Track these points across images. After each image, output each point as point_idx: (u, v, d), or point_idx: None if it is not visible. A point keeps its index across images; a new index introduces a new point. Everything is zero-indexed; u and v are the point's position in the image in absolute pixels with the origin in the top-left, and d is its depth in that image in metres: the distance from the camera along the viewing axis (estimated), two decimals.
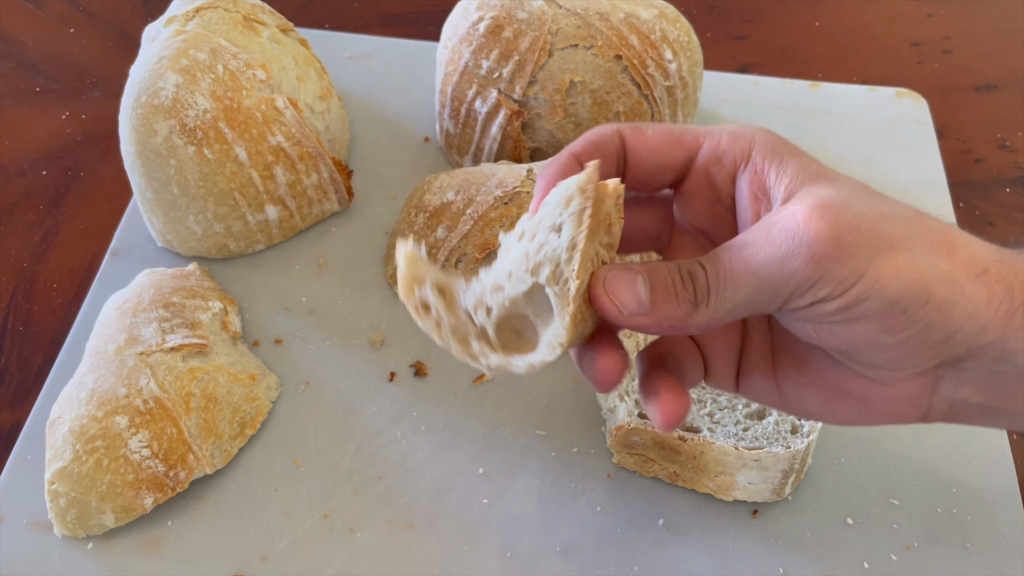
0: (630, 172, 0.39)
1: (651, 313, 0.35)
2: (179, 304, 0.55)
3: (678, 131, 0.39)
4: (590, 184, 0.34)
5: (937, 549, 0.50)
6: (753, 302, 0.34)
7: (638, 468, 0.52)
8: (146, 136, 0.57)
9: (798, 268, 0.33)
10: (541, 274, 0.35)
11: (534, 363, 0.35)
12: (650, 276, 0.35)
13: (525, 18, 0.63)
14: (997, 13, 0.85)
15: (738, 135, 0.38)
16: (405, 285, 0.36)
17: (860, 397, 0.37)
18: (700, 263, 0.35)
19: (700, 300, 0.35)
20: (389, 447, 0.54)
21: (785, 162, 0.36)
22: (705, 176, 0.38)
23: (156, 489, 0.50)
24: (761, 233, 0.34)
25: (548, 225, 0.35)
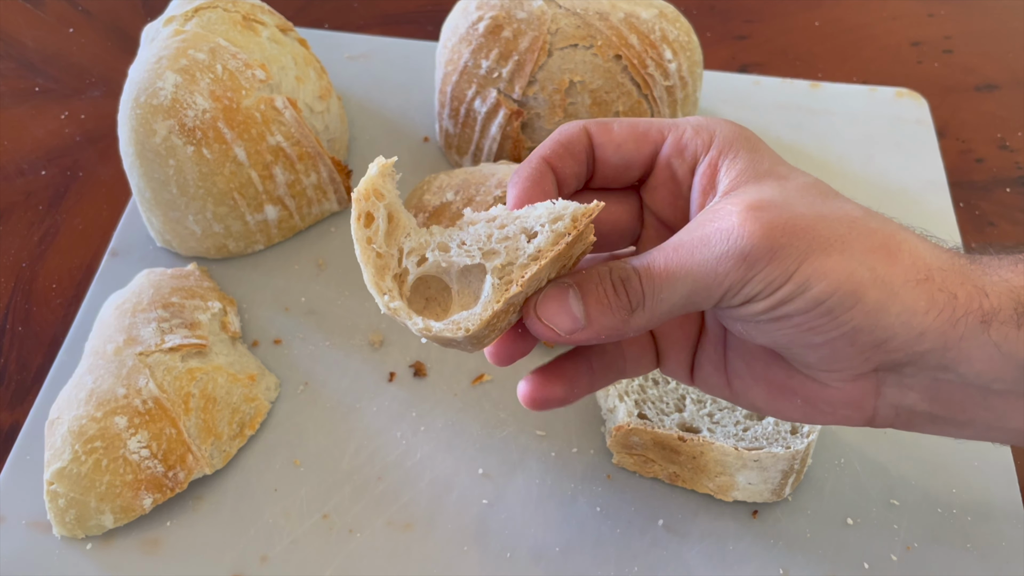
0: (598, 169, 0.39)
1: (588, 328, 0.35)
2: (178, 304, 0.55)
3: (643, 125, 0.39)
4: (586, 219, 0.34)
5: (937, 549, 0.50)
6: (689, 302, 0.35)
7: (638, 468, 0.52)
8: (145, 136, 0.57)
9: (730, 269, 0.33)
10: (492, 260, 0.35)
11: (431, 328, 0.35)
12: (581, 288, 0.35)
13: (524, 18, 0.62)
14: (997, 13, 0.84)
15: (701, 128, 0.38)
16: (364, 189, 0.35)
17: (804, 396, 0.37)
18: (633, 268, 0.35)
19: (635, 305, 0.35)
20: (388, 447, 0.54)
21: (738, 156, 0.36)
22: (668, 169, 0.39)
23: (155, 489, 0.50)
24: (696, 232, 0.34)
25: (523, 226, 0.35)
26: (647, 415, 0.51)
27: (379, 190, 0.36)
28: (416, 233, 0.37)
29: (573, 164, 0.39)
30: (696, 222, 0.35)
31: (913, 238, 0.35)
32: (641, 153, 0.39)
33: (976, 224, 0.68)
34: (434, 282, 0.37)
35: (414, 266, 0.36)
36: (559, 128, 0.39)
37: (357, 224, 0.36)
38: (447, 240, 0.36)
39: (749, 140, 0.37)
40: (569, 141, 0.39)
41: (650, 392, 0.52)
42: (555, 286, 0.35)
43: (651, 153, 0.39)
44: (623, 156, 0.39)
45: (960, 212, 0.68)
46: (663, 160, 0.39)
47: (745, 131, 0.38)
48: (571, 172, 0.39)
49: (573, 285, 0.35)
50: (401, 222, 0.37)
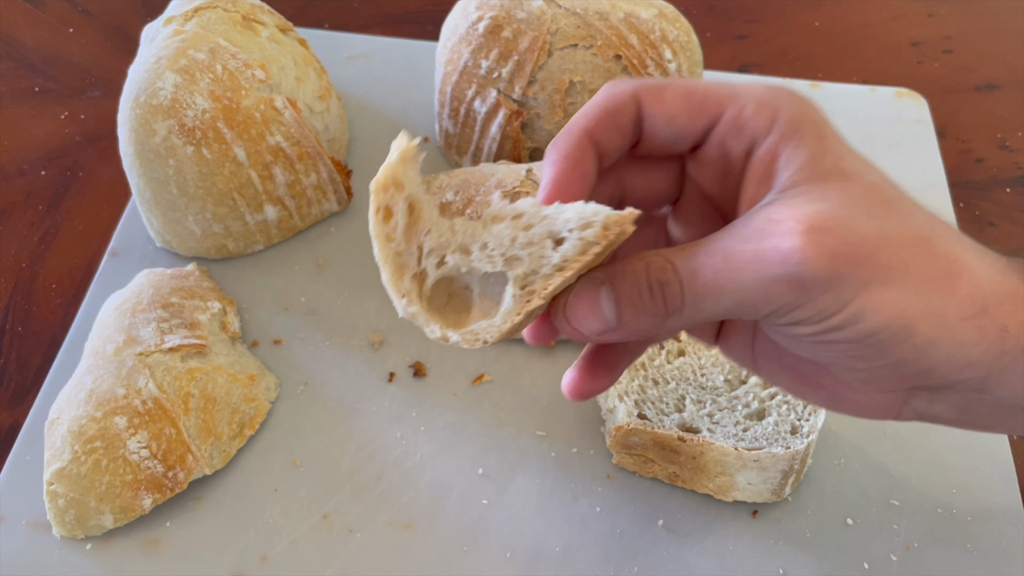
0: (643, 140, 0.36)
1: (619, 329, 0.33)
2: (178, 304, 0.55)
3: (700, 95, 0.35)
4: (618, 230, 0.31)
5: (937, 549, 0.50)
6: (731, 313, 0.33)
7: (638, 469, 0.52)
8: (145, 136, 0.56)
9: (783, 293, 0.31)
10: (514, 268, 0.33)
11: (448, 338, 0.33)
12: (614, 286, 0.33)
13: (524, 18, 0.62)
14: (997, 13, 0.84)
15: (764, 105, 0.34)
16: (383, 179, 0.32)
17: (831, 391, 0.37)
18: (674, 268, 0.32)
19: (672, 311, 0.32)
20: (388, 448, 0.54)
21: (801, 146, 0.33)
22: (721, 148, 0.35)
23: (155, 490, 0.49)
24: (750, 245, 0.32)
25: (549, 230, 0.32)
26: (647, 415, 0.51)
27: (399, 179, 0.33)
28: (438, 229, 0.34)
29: (617, 137, 0.35)
30: (752, 229, 0.32)
31: (975, 260, 0.33)
32: (694, 127, 0.35)
33: (976, 224, 0.68)
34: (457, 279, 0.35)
35: (434, 268, 0.34)
36: (603, 91, 0.35)
37: (375, 219, 0.33)
38: (469, 241, 0.33)
39: (815, 124, 0.34)
40: (616, 110, 0.35)
41: (650, 392, 0.52)
42: (586, 283, 0.33)
43: (705, 128, 0.35)
44: (674, 130, 0.35)
45: (960, 212, 0.68)
46: (717, 137, 0.35)
47: (810, 110, 0.34)
48: (614, 146, 0.35)
49: (606, 283, 0.33)
50: (423, 213, 0.34)
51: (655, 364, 0.53)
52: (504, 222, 0.33)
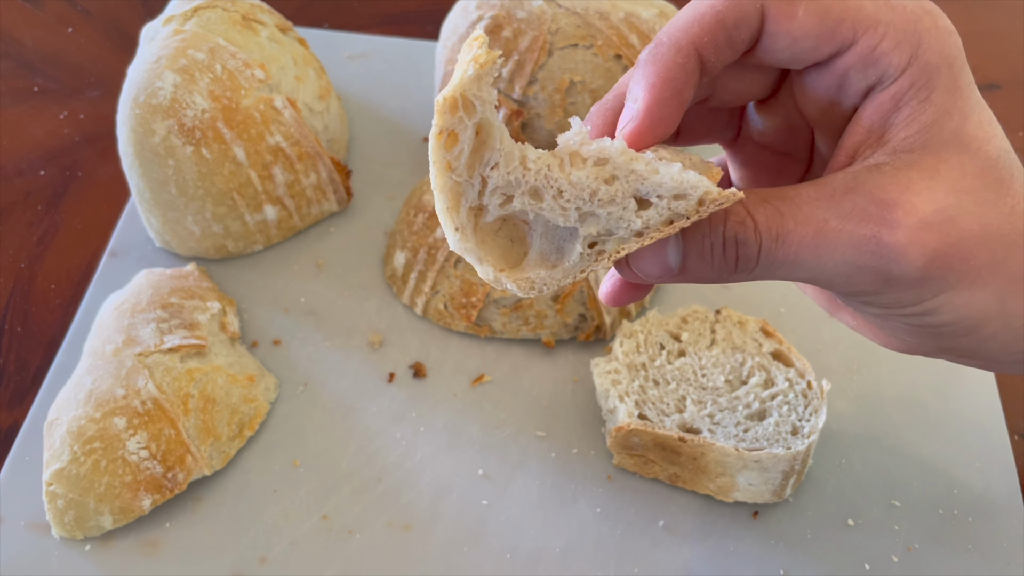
0: (756, 53, 0.31)
1: (680, 275, 0.31)
2: (177, 305, 0.55)
3: (837, 13, 0.30)
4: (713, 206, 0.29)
5: (938, 550, 0.50)
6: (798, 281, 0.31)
7: (638, 469, 0.52)
8: (144, 136, 0.56)
9: (866, 283, 0.30)
10: (588, 225, 0.30)
11: (501, 283, 0.30)
12: (685, 235, 0.30)
13: (525, 17, 0.62)
14: (999, 13, 0.84)
15: (905, 39, 0.30)
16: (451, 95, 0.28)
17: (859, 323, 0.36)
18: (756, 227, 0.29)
19: (742, 270, 0.30)
20: (388, 448, 0.53)
21: (928, 102, 0.30)
22: (840, 77, 0.31)
23: (154, 490, 0.49)
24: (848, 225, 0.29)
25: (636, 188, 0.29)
26: (647, 416, 0.51)
27: (469, 100, 0.28)
28: (507, 161, 0.30)
29: (730, 54, 0.31)
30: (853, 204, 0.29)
31: None
32: (819, 52, 0.31)
33: None
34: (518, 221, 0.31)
35: (496, 205, 0.30)
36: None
37: (436, 143, 0.29)
38: (542, 184, 0.29)
39: (951, 70, 0.30)
40: (737, 23, 0.30)
41: (650, 393, 0.52)
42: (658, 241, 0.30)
43: (831, 54, 0.31)
44: (795, 51, 0.31)
45: None
46: (841, 66, 0.31)
47: (951, 49, 0.31)
48: (722, 62, 0.31)
49: None
50: (491, 139, 0.29)
51: (656, 365, 0.53)
52: (585, 168, 0.29)
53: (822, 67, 0.32)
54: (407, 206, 0.61)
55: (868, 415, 0.55)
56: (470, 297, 0.57)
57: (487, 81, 0.28)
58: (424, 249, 0.58)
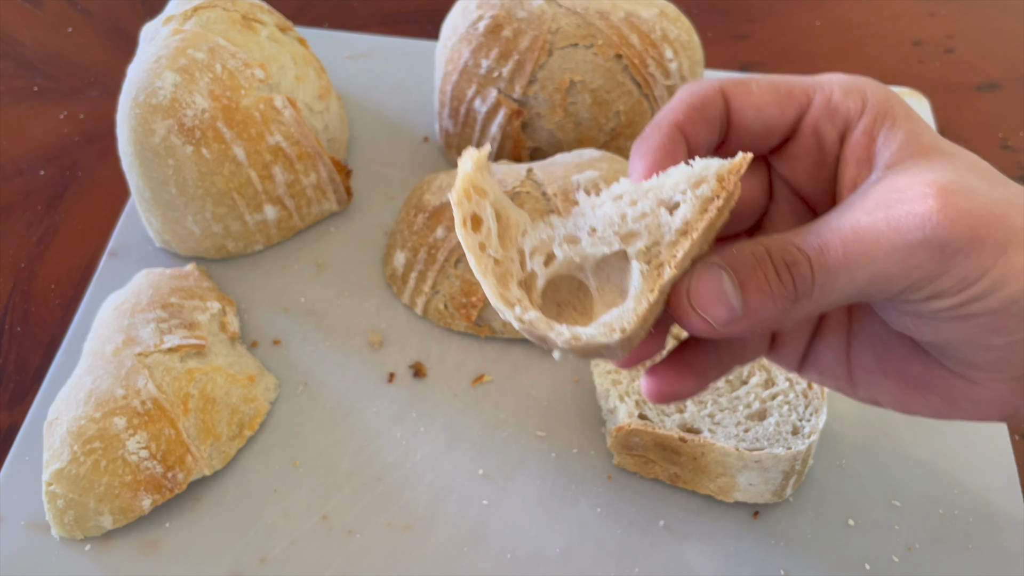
0: (732, 135, 0.35)
1: (745, 318, 0.30)
2: (177, 304, 0.55)
3: (785, 85, 0.34)
4: (734, 176, 0.30)
5: (939, 550, 0.50)
6: (862, 293, 0.30)
7: (638, 469, 0.52)
8: (144, 136, 0.56)
9: (923, 261, 0.29)
10: (633, 243, 0.30)
11: (580, 337, 0.30)
12: (737, 271, 0.30)
13: (525, 17, 0.62)
14: (999, 12, 0.84)
15: (851, 89, 0.34)
16: (463, 188, 0.31)
17: (944, 393, 0.35)
18: (799, 248, 0.30)
19: (802, 295, 0.30)
20: (388, 448, 0.53)
21: (896, 125, 0.33)
22: (813, 136, 0.34)
23: (154, 490, 0.49)
24: (879, 214, 0.30)
25: (660, 198, 0.30)
26: (648, 416, 0.51)
27: (479, 186, 0.31)
28: (534, 227, 0.32)
29: (707, 131, 0.34)
30: (874, 201, 0.30)
31: None
32: (785, 117, 0.34)
33: None
34: (565, 283, 0.32)
35: (541, 267, 0.31)
36: (686, 88, 0.34)
37: (464, 230, 0.31)
38: (574, 230, 0.31)
39: (903, 106, 0.33)
40: (703, 104, 0.33)
41: None
42: (706, 269, 0.31)
43: (795, 117, 0.34)
44: (764, 121, 0.34)
45: None
46: (808, 125, 0.34)
47: (895, 95, 0.34)
48: (703, 140, 0.34)
49: (726, 267, 0.30)
50: (512, 218, 0.32)
51: None
52: (605, 204, 0.31)
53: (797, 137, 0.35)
54: (407, 206, 0.61)
55: (868, 415, 0.55)
56: (470, 297, 0.57)
57: (486, 171, 0.31)
58: (424, 249, 0.58)
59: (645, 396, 0.35)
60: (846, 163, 0.34)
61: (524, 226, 0.32)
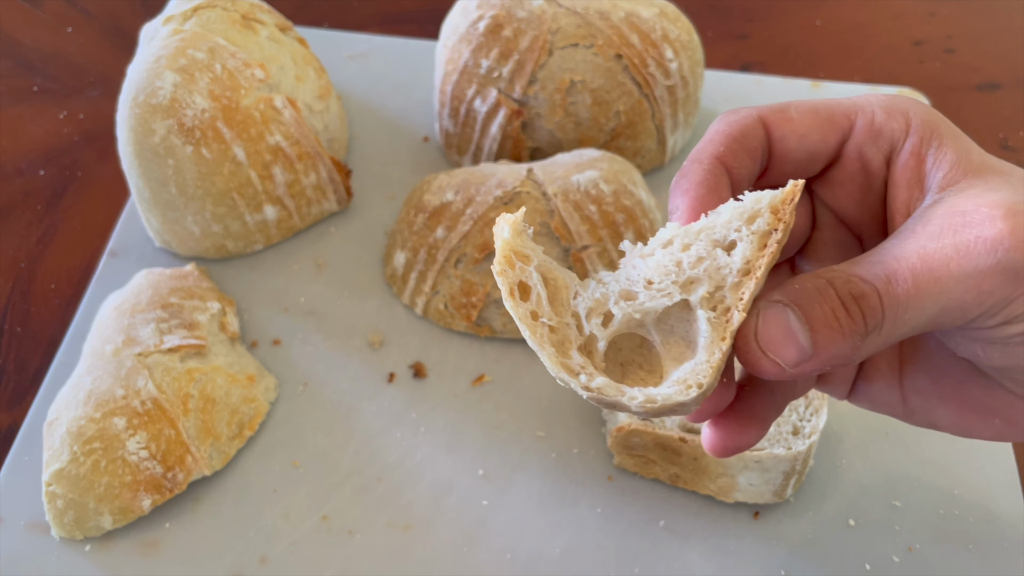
0: (774, 164, 0.34)
1: (815, 357, 0.29)
2: (177, 305, 0.55)
3: (826, 110, 0.33)
4: (788, 206, 0.28)
5: (939, 550, 0.50)
6: (934, 323, 0.29)
7: (639, 470, 0.52)
8: (144, 136, 0.56)
9: (997, 286, 0.28)
10: (694, 292, 0.29)
11: (657, 399, 0.28)
12: (803, 309, 0.29)
13: (525, 17, 0.62)
14: (999, 12, 0.84)
15: (894, 109, 0.33)
16: (504, 256, 0.29)
17: (1005, 415, 0.34)
18: (865, 280, 0.29)
19: (872, 328, 0.29)
20: (388, 448, 0.53)
21: (944, 146, 0.32)
22: (859, 160, 0.33)
23: (154, 491, 0.49)
24: (947, 240, 0.29)
25: (714, 238, 0.29)
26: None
27: (520, 252, 0.30)
28: (585, 286, 0.30)
29: (749, 163, 0.33)
30: (937, 226, 0.29)
31: None
32: (827, 143, 0.33)
33: None
34: (626, 341, 0.31)
35: (600, 329, 0.30)
36: (724, 118, 0.33)
37: (513, 301, 0.29)
38: (629, 285, 0.30)
39: (947, 124, 0.33)
40: (744, 134, 0.32)
41: None
42: (771, 309, 0.29)
43: (839, 142, 0.33)
44: (807, 148, 0.33)
45: None
46: (853, 149, 0.33)
47: (937, 112, 0.33)
48: (745, 172, 0.33)
49: (792, 306, 0.29)
50: (559, 279, 0.30)
51: None
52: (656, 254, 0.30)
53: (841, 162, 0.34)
54: (407, 206, 0.61)
55: (869, 416, 0.55)
56: (470, 297, 0.57)
57: (526, 235, 0.30)
58: (424, 249, 0.58)
59: (709, 452, 0.34)
60: (896, 186, 0.33)
61: (574, 286, 0.30)
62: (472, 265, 0.57)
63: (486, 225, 0.56)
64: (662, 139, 0.65)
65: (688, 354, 0.30)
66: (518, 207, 0.56)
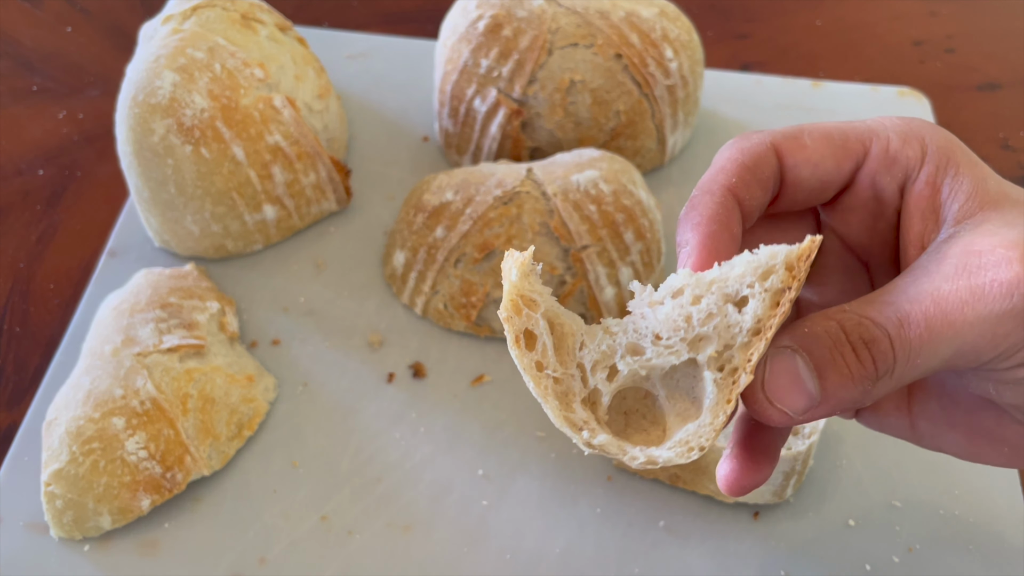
0: (786, 192, 0.33)
1: (823, 404, 0.29)
2: (176, 304, 0.55)
3: (839, 136, 0.33)
4: (804, 264, 0.28)
5: (939, 551, 0.50)
6: (947, 365, 0.29)
7: (638, 470, 0.52)
8: (143, 135, 0.56)
9: (1012, 330, 0.28)
10: (703, 350, 0.28)
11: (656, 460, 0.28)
12: (812, 354, 0.28)
13: (525, 16, 0.62)
14: (999, 12, 0.84)
15: (909, 135, 0.32)
16: (511, 301, 0.28)
17: (1015, 444, 0.33)
18: (877, 323, 0.28)
19: (883, 373, 0.28)
20: (388, 449, 0.53)
21: (960, 175, 0.31)
22: (871, 188, 0.33)
23: (153, 491, 0.49)
24: (961, 281, 0.28)
25: (725, 292, 0.28)
26: None
27: (528, 297, 0.28)
28: (591, 337, 0.29)
29: (760, 193, 0.32)
30: (953, 266, 0.29)
31: None
32: (841, 171, 0.32)
33: None
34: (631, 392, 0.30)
35: (604, 383, 0.29)
36: (736, 146, 0.32)
37: (518, 350, 0.29)
38: (636, 339, 0.29)
39: (964, 151, 0.32)
40: (756, 164, 0.32)
41: None
42: (779, 356, 0.29)
43: (852, 170, 0.33)
44: (820, 176, 0.32)
45: None
46: (866, 177, 0.32)
47: (954, 138, 0.32)
48: (756, 203, 0.32)
49: (800, 351, 0.28)
50: (566, 326, 0.29)
51: None
52: (666, 305, 0.29)
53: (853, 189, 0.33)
54: (407, 206, 0.61)
55: None
56: (470, 297, 0.57)
57: (535, 276, 0.29)
58: (424, 249, 0.58)
59: (727, 493, 0.33)
60: (910, 217, 0.32)
61: (580, 335, 0.29)
62: (472, 265, 0.57)
63: (486, 225, 0.56)
64: (662, 139, 0.65)
65: (692, 410, 0.29)
66: (518, 207, 0.56)
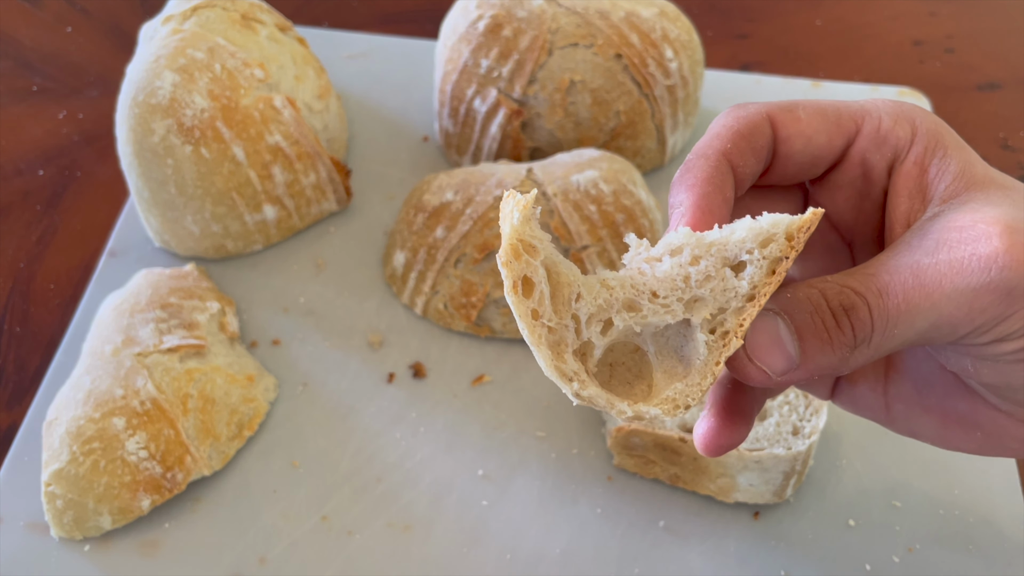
0: (777, 164, 0.33)
1: (802, 367, 0.29)
2: (176, 305, 0.55)
3: (834, 112, 0.33)
4: (804, 235, 0.28)
5: (939, 551, 0.50)
6: (923, 338, 0.29)
7: (638, 470, 0.52)
8: (143, 135, 0.56)
9: (989, 304, 0.28)
10: (698, 312, 0.29)
11: (643, 414, 0.28)
12: (793, 318, 0.29)
13: (525, 17, 0.62)
14: (999, 12, 0.84)
15: (901, 116, 0.33)
16: (511, 245, 0.28)
17: (989, 431, 0.34)
18: (858, 292, 0.29)
19: (861, 341, 0.29)
20: (388, 449, 0.53)
21: (948, 157, 0.32)
22: (860, 166, 0.33)
23: (153, 491, 0.49)
24: (941, 255, 0.29)
25: (725, 256, 0.28)
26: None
27: (528, 242, 0.28)
28: (589, 289, 0.29)
29: (753, 161, 0.32)
30: (934, 240, 0.29)
31: None
32: (833, 146, 0.33)
33: None
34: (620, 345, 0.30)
35: (598, 336, 0.29)
36: (733, 114, 0.32)
37: (515, 296, 0.28)
38: (634, 295, 0.29)
39: (953, 135, 0.33)
40: (751, 132, 0.32)
41: None
42: (761, 316, 0.29)
43: (844, 146, 0.33)
44: (812, 150, 0.33)
45: None
46: (856, 154, 0.33)
47: (943, 122, 0.33)
48: (750, 171, 0.32)
49: (781, 314, 0.29)
50: (563, 275, 0.29)
51: None
52: (664, 262, 0.29)
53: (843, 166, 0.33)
54: (407, 206, 0.61)
55: None
56: (470, 297, 0.57)
57: (535, 221, 0.28)
58: (424, 249, 0.58)
59: (702, 452, 0.34)
60: (897, 195, 0.33)
61: (577, 285, 0.29)
62: (472, 265, 0.57)
63: (486, 225, 0.56)
64: (662, 139, 0.65)
65: (679, 368, 0.30)
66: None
